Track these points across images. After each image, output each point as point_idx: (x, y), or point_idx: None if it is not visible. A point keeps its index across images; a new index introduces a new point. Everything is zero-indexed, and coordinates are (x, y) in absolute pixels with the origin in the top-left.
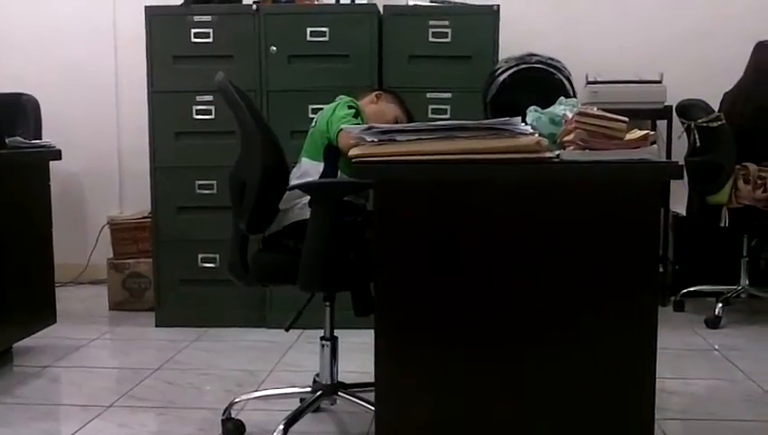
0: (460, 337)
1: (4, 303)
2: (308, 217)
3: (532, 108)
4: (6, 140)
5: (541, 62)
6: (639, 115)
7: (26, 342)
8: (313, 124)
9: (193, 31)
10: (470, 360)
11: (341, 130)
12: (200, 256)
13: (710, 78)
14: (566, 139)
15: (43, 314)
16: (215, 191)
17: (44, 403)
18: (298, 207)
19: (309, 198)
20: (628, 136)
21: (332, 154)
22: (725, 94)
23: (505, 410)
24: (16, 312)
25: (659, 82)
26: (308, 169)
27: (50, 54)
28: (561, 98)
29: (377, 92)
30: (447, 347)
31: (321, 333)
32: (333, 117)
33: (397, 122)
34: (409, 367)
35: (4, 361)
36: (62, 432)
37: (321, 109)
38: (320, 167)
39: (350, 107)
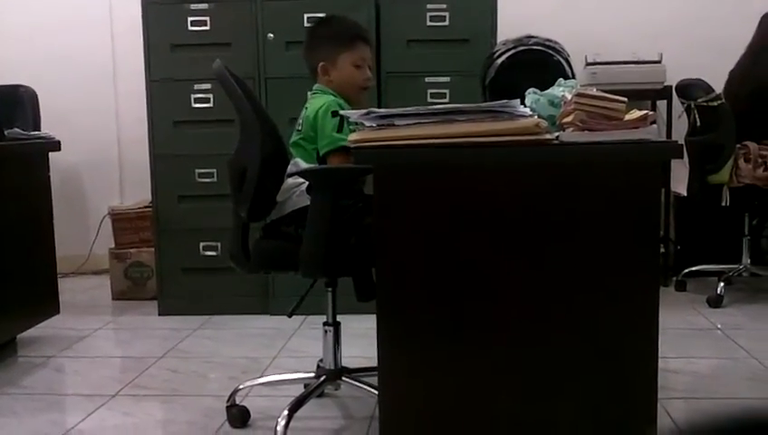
0: (462, 320)
1: (8, 294)
2: (307, 203)
3: (530, 90)
4: (5, 132)
5: (539, 44)
6: (639, 96)
7: (30, 332)
8: (298, 127)
9: (190, 19)
10: (472, 342)
11: (331, 153)
12: (202, 244)
13: (710, 57)
14: (565, 120)
15: (47, 304)
16: (215, 179)
17: (49, 393)
18: (296, 195)
19: (306, 184)
20: (628, 116)
21: (325, 159)
22: (730, 72)
23: (508, 391)
24: (19, 303)
25: (659, 62)
26: None
27: (47, 45)
28: (560, 79)
29: (320, 66)
30: (449, 330)
31: (323, 318)
32: (320, 130)
33: (357, 66)
34: (412, 351)
35: (8, 352)
36: (67, 422)
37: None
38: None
39: (333, 114)
